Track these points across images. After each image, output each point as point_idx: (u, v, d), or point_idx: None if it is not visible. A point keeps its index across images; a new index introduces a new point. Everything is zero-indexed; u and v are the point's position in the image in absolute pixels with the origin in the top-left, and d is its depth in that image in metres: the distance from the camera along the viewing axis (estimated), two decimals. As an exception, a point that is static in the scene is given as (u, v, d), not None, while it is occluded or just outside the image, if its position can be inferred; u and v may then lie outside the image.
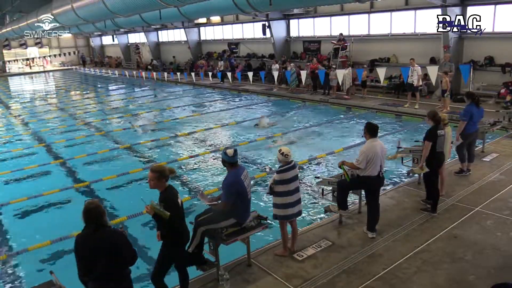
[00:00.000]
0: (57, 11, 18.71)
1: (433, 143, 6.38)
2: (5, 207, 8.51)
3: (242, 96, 21.14)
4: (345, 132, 13.04)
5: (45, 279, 4.11)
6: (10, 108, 22.48)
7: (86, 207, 3.65)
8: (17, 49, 47.04)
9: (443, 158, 6.77)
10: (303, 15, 22.49)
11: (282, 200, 5.31)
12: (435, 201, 6.60)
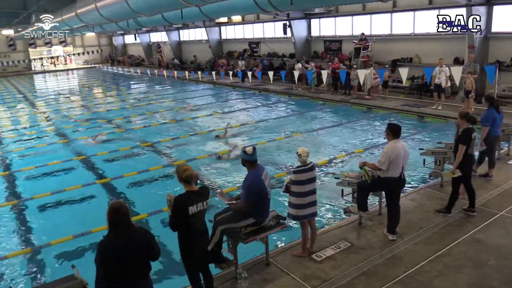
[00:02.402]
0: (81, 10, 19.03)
1: (467, 147, 6.24)
2: (29, 201, 8.72)
3: (262, 95, 21.13)
4: (365, 132, 12.90)
5: (67, 272, 4.17)
6: (35, 105, 22.99)
7: (114, 207, 3.57)
8: (42, 48, 48.06)
9: (474, 161, 6.63)
10: (324, 14, 22.35)
11: (295, 200, 5.30)
12: (452, 202, 6.48)
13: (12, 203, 8.73)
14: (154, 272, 5.40)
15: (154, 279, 4.26)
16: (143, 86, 29.26)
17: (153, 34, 41.14)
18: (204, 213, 4.40)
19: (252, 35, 28.84)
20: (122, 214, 3.56)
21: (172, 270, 5.86)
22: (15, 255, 6.58)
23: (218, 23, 30.73)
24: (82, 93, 27.98)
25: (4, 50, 44.14)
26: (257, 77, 23.02)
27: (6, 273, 6.16)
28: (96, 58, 49.07)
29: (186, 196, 4.26)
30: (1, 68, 41.97)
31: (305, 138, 12.53)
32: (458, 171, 6.32)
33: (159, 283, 5.43)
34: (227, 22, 29.96)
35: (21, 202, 8.76)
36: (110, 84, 32.48)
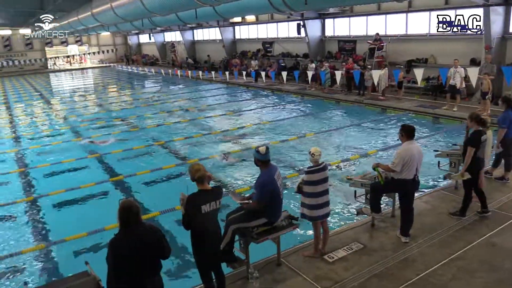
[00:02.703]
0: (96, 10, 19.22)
1: (476, 149, 6.15)
2: (44, 198, 8.85)
3: (276, 95, 21.10)
4: (379, 133, 12.80)
5: (80, 269, 4.22)
6: (51, 103, 23.31)
7: (125, 205, 3.60)
8: (58, 47, 48.71)
9: (483, 164, 6.53)
10: (338, 14, 22.22)
11: (308, 200, 5.28)
12: (466, 205, 6.39)
13: (28, 199, 8.87)
14: (167, 270, 5.45)
15: (166, 278, 4.29)
16: (157, 85, 29.46)
17: (168, 33, 41.42)
18: (217, 212, 4.41)
19: (266, 35, 28.82)
20: (132, 212, 3.59)
21: (185, 268, 5.90)
22: (30, 251, 6.68)
23: (232, 23, 30.80)
24: (97, 91, 28.32)
25: (22, 49, 44.88)
26: (271, 77, 23.00)
27: (21, 268, 6.26)
28: (111, 57, 49.56)
29: (199, 195, 4.28)
30: (19, 66, 42.69)
31: (318, 138, 12.48)
32: (467, 174, 6.23)
33: (171, 282, 5.46)
34: (241, 22, 30.01)
35: (36, 198, 8.89)
36: (124, 83, 32.79)
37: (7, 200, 8.77)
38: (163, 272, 3.87)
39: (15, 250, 6.73)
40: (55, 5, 27.06)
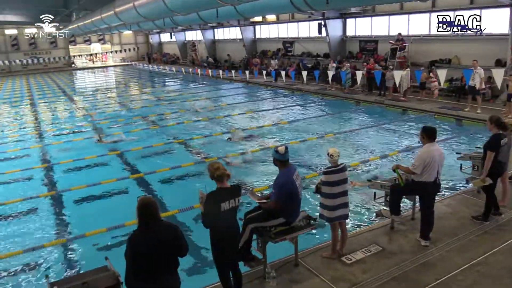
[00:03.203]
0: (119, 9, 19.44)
1: (496, 153, 6.01)
2: (66, 193, 9.03)
3: (296, 95, 21.03)
4: (400, 135, 12.63)
5: (100, 264, 4.28)
6: (74, 100, 23.74)
7: (143, 203, 3.63)
8: (81, 45, 49.62)
9: (505, 168, 6.38)
10: (360, 14, 22.02)
11: (326, 201, 5.26)
12: (488, 209, 6.26)
13: (50, 194, 9.07)
14: (184, 268, 5.49)
15: (184, 275, 4.32)
16: (177, 84, 29.74)
17: (188, 32, 41.72)
18: (236, 211, 4.42)
19: (287, 34, 28.75)
20: (151, 210, 3.62)
21: (202, 266, 5.93)
22: (51, 245, 6.83)
23: (252, 22, 30.82)
24: (119, 89, 28.72)
25: (46, 47, 45.85)
26: (291, 77, 22.94)
27: (42, 261, 6.40)
28: (132, 55, 50.19)
29: (218, 193, 4.30)
30: (43, 64, 43.63)
31: (338, 139, 12.40)
32: (488, 179, 6.09)
33: (188, 279, 5.50)
34: (261, 21, 30.00)
35: (58, 193, 9.08)
36: (145, 81, 33.15)
37: (30, 195, 8.97)
38: (180, 269, 3.90)
39: (38, 243, 6.88)
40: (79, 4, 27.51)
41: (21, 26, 42.55)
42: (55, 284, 3.89)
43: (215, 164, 4.41)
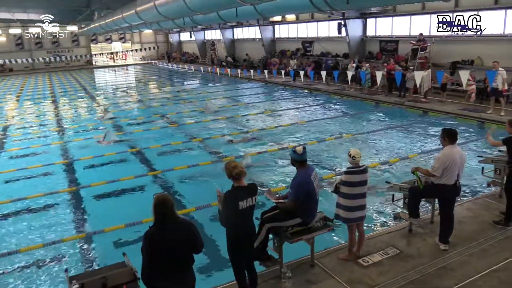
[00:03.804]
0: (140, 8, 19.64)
1: None
2: (86, 189, 9.19)
3: (314, 95, 20.93)
4: (420, 137, 12.45)
5: (118, 259, 4.35)
6: (94, 98, 24.10)
7: (159, 200, 3.66)
8: (103, 44, 50.39)
9: None
10: (381, 14, 21.78)
11: (344, 201, 5.21)
12: (510, 214, 6.12)
13: (70, 190, 9.23)
14: (200, 266, 5.52)
15: (199, 273, 4.34)
16: (195, 83, 29.91)
17: (208, 31, 41.92)
18: (253, 209, 4.43)
19: (306, 34, 28.63)
20: (167, 207, 3.66)
21: (217, 264, 5.95)
22: (71, 239, 6.96)
23: (272, 22, 30.78)
24: (138, 87, 29.04)
25: (68, 45, 46.70)
26: (309, 77, 22.83)
27: (61, 255, 6.52)
28: (152, 54, 50.71)
29: (236, 191, 4.31)
30: (65, 62, 44.46)
31: (356, 139, 12.29)
32: None
33: (204, 277, 5.53)
34: (281, 21, 29.94)
35: (78, 189, 9.23)
36: (164, 79, 33.42)
37: (51, 190, 9.15)
38: (196, 267, 3.92)
39: (57, 238, 7.01)
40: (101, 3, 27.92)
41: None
42: (74, 278, 3.96)
43: (232, 162, 4.42)
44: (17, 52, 43.36)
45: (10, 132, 15.64)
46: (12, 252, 6.60)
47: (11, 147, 13.21)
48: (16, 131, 15.76)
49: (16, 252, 6.59)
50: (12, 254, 6.54)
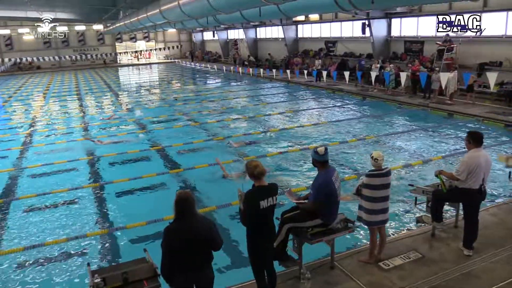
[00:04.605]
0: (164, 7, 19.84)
1: None
2: (109, 185, 9.33)
3: (337, 95, 20.76)
4: (445, 139, 12.20)
5: (139, 255, 4.41)
6: (118, 96, 24.49)
7: (181, 196, 3.71)
8: (127, 42, 51.19)
9: None
10: (406, 14, 21.45)
11: (366, 204, 5.15)
12: None
13: (94, 185, 9.40)
14: (219, 264, 5.54)
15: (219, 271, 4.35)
16: (218, 82, 30.05)
17: (231, 31, 42.10)
18: (273, 208, 4.41)
19: (329, 34, 28.44)
20: (188, 203, 3.71)
21: (237, 263, 5.96)
22: (94, 235, 7.08)
23: (295, 22, 30.70)
24: (161, 86, 29.38)
25: (94, 44, 47.62)
26: (332, 77, 22.65)
27: (84, 250, 6.64)
28: (176, 53, 51.22)
29: (257, 191, 4.30)
30: (90, 60, 45.35)
31: (379, 141, 12.14)
32: None
33: (223, 275, 5.55)
34: (304, 20, 29.83)
35: (102, 185, 9.39)
36: (187, 78, 33.69)
37: (76, 185, 9.34)
38: (215, 265, 3.94)
39: (81, 232, 7.15)
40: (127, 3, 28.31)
41: (71, 23, 44.39)
42: (96, 272, 4.03)
43: (253, 162, 4.41)
44: (44, 50, 44.43)
45: (36, 128, 16.03)
46: (37, 245, 6.76)
47: (38, 143, 13.54)
48: (43, 127, 16.15)
49: (41, 245, 6.75)
50: (37, 247, 6.70)
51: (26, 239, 7.07)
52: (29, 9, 32.93)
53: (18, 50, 43.10)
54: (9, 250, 6.65)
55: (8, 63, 41.13)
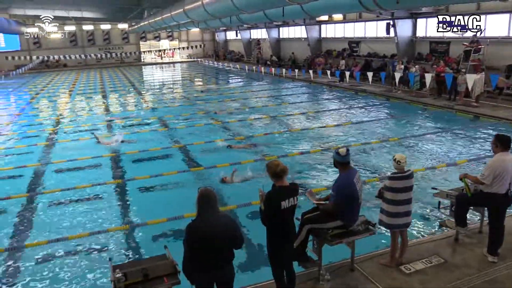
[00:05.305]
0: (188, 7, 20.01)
1: None
2: (131, 182, 9.46)
3: (360, 96, 20.54)
4: (470, 142, 11.93)
5: (159, 252, 4.46)
6: (142, 94, 24.81)
7: (204, 193, 3.74)
8: (152, 41, 51.84)
9: None
10: (432, 14, 21.06)
11: (388, 207, 5.07)
12: None
13: (116, 182, 9.54)
14: (239, 263, 5.55)
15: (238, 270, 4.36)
16: (240, 81, 30.13)
17: (254, 30, 42.13)
18: (294, 209, 4.39)
19: (353, 34, 28.17)
20: (211, 200, 3.74)
21: (257, 263, 5.95)
22: (115, 230, 7.19)
23: (318, 21, 30.51)
24: (184, 85, 29.64)
25: (119, 43, 48.44)
26: (355, 77, 22.42)
27: (106, 245, 6.76)
28: (199, 52, 51.59)
29: (279, 191, 4.28)
30: (115, 58, 46.15)
31: (402, 143, 11.95)
32: None
33: (242, 274, 5.55)
34: (327, 20, 29.62)
35: (124, 182, 9.53)
36: (209, 77, 33.87)
37: (98, 181, 9.50)
38: (235, 264, 3.95)
39: (102, 228, 7.28)
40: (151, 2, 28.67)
41: (96, 22, 45.25)
42: (117, 267, 4.08)
43: (275, 161, 4.40)
44: (71, 48, 45.39)
45: (62, 125, 16.38)
46: (61, 238, 6.91)
47: (63, 139, 13.84)
48: (68, 124, 16.49)
49: (65, 239, 6.90)
50: (61, 241, 6.85)
51: (50, 232, 7.23)
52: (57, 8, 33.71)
53: (45, 48, 44.13)
54: (33, 243, 6.82)
55: (36, 61, 42.17)
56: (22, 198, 8.76)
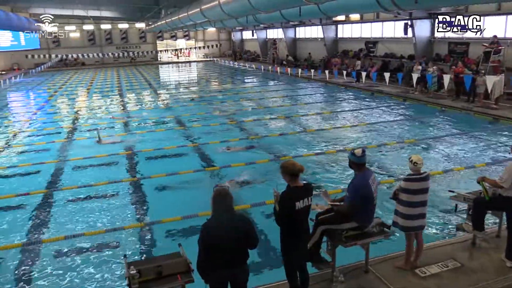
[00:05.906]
0: (205, 6, 20.14)
1: None
2: (146, 180, 9.54)
3: (376, 97, 20.36)
4: (488, 145, 11.72)
5: (173, 250, 4.46)
6: (158, 92, 25.01)
7: (220, 192, 3.75)
8: (168, 41, 52.26)
9: None
10: (451, 14, 20.74)
11: (403, 209, 5.01)
12: None
13: (132, 180, 9.64)
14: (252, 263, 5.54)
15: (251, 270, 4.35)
16: (255, 81, 30.13)
17: (270, 30, 42.11)
18: (309, 209, 4.37)
19: (370, 34, 27.95)
20: (226, 200, 3.75)
21: (270, 263, 5.95)
22: (130, 227, 7.27)
23: (335, 21, 30.36)
24: (200, 84, 29.78)
25: (136, 42, 48.95)
26: (371, 78, 22.23)
27: (121, 242, 6.82)
28: (215, 52, 51.82)
29: (293, 191, 4.26)
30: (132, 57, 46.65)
31: (419, 145, 11.80)
32: None
33: (256, 274, 5.54)
34: (344, 20, 29.45)
35: (140, 180, 9.62)
36: (225, 77, 33.95)
37: (115, 179, 9.61)
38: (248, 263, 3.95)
39: (118, 225, 7.36)
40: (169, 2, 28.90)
41: (115, 21, 45.82)
42: (132, 264, 4.12)
43: (290, 161, 4.39)
44: (89, 47, 46.08)
45: (80, 122, 16.61)
46: (77, 235, 7.01)
47: (80, 136, 14.03)
48: (85, 122, 16.72)
49: (80, 235, 6.99)
50: (77, 237, 6.94)
51: (67, 228, 7.34)
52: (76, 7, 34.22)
53: (64, 46, 44.82)
54: (50, 239, 6.93)
55: (55, 59, 42.88)
56: (39, 195, 8.91)
